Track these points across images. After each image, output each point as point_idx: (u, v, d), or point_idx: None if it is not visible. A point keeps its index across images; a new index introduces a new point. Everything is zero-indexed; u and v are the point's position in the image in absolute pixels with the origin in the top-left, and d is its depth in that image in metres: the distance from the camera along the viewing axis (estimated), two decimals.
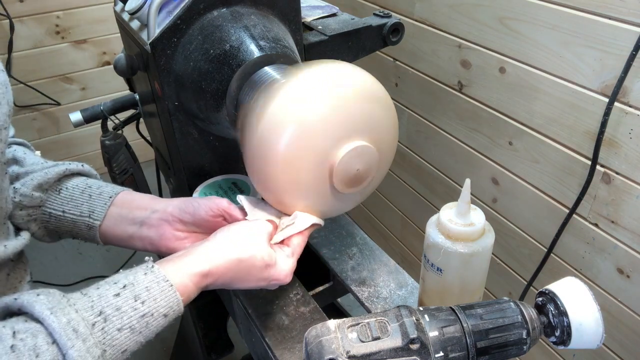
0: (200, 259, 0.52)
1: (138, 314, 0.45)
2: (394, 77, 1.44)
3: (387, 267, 0.78)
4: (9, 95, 0.49)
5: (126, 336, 0.45)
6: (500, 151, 1.16)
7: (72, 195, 0.62)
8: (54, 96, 2.15)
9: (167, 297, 0.48)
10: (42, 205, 0.61)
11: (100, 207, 0.62)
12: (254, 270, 0.54)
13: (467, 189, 0.57)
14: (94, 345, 0.42)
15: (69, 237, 0.64)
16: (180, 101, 0.68)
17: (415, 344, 0.48)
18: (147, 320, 0.46)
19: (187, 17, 0.64)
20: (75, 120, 0.95)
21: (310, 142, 0.53)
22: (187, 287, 0.50)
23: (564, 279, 0.54)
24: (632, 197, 0.90)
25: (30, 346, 0.39)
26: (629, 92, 0.85)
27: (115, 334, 0.44)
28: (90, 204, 0.62)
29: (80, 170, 0.65)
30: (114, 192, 0.63)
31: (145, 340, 0.47)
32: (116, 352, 0.44)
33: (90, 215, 0.61)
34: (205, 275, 0.51)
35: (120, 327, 0.44)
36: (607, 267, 0.99)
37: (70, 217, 0.61)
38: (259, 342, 0.69)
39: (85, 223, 0.61)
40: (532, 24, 0.97)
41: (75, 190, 0.62)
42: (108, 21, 2.11)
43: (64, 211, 0.61)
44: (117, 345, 0.44)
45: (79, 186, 0.63)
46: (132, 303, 0.46)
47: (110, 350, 0.43)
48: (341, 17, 0.85)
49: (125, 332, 0.44)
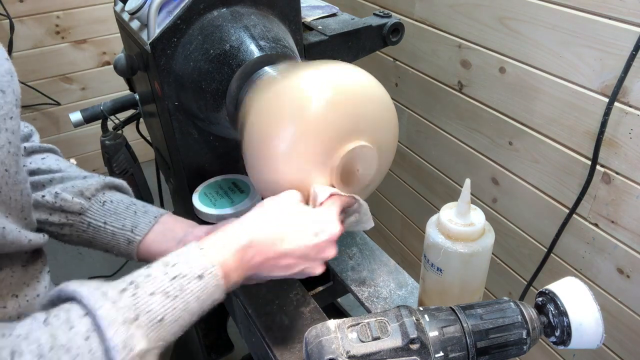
0: (237, 224, 0.50)
1: (169, 276, 0.43)
2: (394, 77, 1.44)
3: (387, 267, 0.78)
4: (14, 84, 0.48)
5: (160, 301, 0.42)
6: (500, 151, 1.16)
7: (117, 209, 0.62)
8: (54, 96, 2.15)
9: (199, 258, 0.45)
10: (82, 213, 0.61)
11: (145, 223, 0.62)
12: (289, 223, 0.51)
13: (467, 189, 0.57)
14: (124, 307, 0.40)
15: (102, 249, 0.64)
16: (180, 101, 0.68)
17: (415, 344, 0.48)
18: (181, 282, 0.43)
19: (187, 17, 0.64)
20: (75, 120, 0.95)
21: (310, 142, 0.53)
22: (222, 251, 0.47)
23: (564, 279, 0.54)
24: (632, 197, 0.90)
25: (64, 319, 0.38)
26: (629, 92, 0.85)
27: (148, 299, 0.41)
28: (135, 220, 0.62)
29: (120, 185, 0.65)
30: (159, 213, 0.64)
31: (186, 310, 0.43)
32: (152, 319, 0.41)
33: (132, 230, 0.61)
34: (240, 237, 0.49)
35: (153, 292, 0.42)
36: (607, 267, 0.99)
37: (111, 230, 0.61)
38: (259, 342, 0.69)
39: (126, 237, 0.61)
40: (532, 24, 0.97)
41: (120, 205, 0.63)
42: (108, 21, 2.11)
43: (105, 222, 0.61)
44: (152, 310, 0.41)
45: (124, 202, 0.63)
46: (163, 268, 0.44)
47: (144, 316, 0.40)
48: (341, 17, 0.85)
49: (159, 296, 0.42)
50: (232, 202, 0.70)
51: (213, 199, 0.70)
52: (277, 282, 0.75)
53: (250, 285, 0.74)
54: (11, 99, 0.47)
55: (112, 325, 0.38)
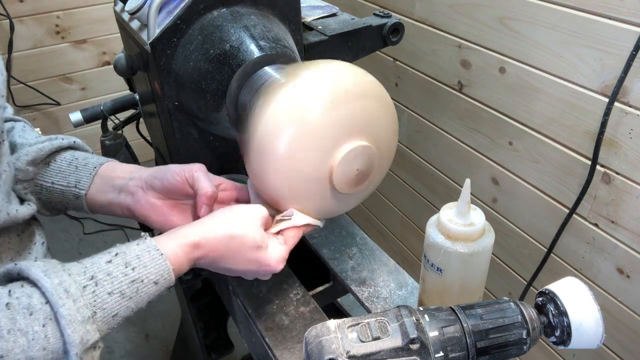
0: (192, 231, 0.53)
1: (128, 279, 0.47)
2: (394, 77, 1.44)
3: (387, 267, 0.78)
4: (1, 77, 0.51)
5: (116, 300, 0.46)
6: (500, 151, 1.16)
7: (60, 167, 0.64)
8: (54, 96, 2.15)
9: (157, 264, 0.49)
10: (35, 178, 0.63)
11: (86, 177, 0.64)
12: (245, 250, 0.54)
13: (467, 189, 0.57)
14: (84, 306, 0.43)
15: (61, 208, 0.67)
16: (180, 101, 0.68)
17: (415, 344, 0.48)
18: (137, 286, 0.47)
19: (187, 17, 0.64)
20: (75, 120, 0.95)
21: (310, 142, 0.53)
22: (178, 257, 0.50)
23: (564, 279, 0.54)
24: (632, 197, 0.90)
25: (25, 305, 0.42)
26: (629, 92, 0.85)
27: (106, 297, 0.45)
28: (77, 175, 0.64)
29: (71, 144, 0.67)
30: (99, 163, 0.65)
31: (137, 307, 0.48)
32: (107, 315, 0.45)
33: (76, 185, 0.64)
34: (195, 246, 0.52)
35: (111, 291, 0.46)
36: (607, 267, 0.99)
37: (59, 188, 0.64)
38: (259, 342, 0.69)
39: (73, 193, 0.64)
40: (532, 24, 0.97)
41: (63, 163, 0.65)
42: (108, 21, 2.11)
43: (52, 183, 0.64)
44: (107, 308, 0.45)
45: (66, 158, 0.65)
46: (123, 269, 0.47)
47: (100, 313, 0.45)
48: (341, 17, 0.85)
49: (116, 297, 0.46)
50: None
51: None
52: (277, 282, 0.75)
53: (251, 286, 0.74)
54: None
55: (71, 324, 0.42)
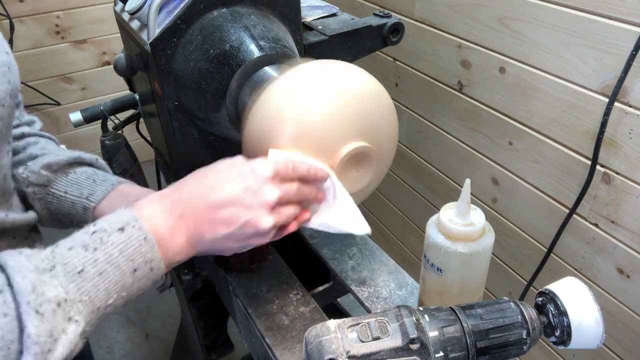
0: (165, 189, 0.50)
1: (89, 232, 0.44)
2: (394, 77, 1.44)
3: (387, 267, 0.78)
4: (11, 75, 0.50)
5: (78, 253, 0.42)
6: (500, 151, 1.16)
7: (78, 179, 0.64)
8: (54, 96, 2.15)
9: (120, 214, 0.45)
10: (48, 185, 0.63)
11: (101, 191, 0.63)
12: (216, 174, 0.49)
13: (467, 189, 0.57)
14: (39, 260, 0.40)
15: (67, 220, 0.65)
16: (180, 101, 0.68)
17: (415, 344, 0.48)
18: (101, 236, 0.43)
19: (187, 17, 0.64)
20: (75, 120, 0.95)
21: (310, 142, 0.53)
22: (143, 205, 0.47)
23: (564, 279, 0.54)
24: (632, 197, 0.90)
25: None
26: (629, 92, 0.85)
27: (65, 252, 0.42)
28: (92, 188, 0.63)
29: (92, 161, 0.67)
30: (117, 181, 0.65)
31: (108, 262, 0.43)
32: (70, 270, 0.41)
33: (88, 197, 0.62)
34: (167, 193, 0.49)
35: (71, 247, 0.43)
36: (607, 267, 0.99)
37: (71, 198, 0.62)
38: (259, 342, 0.69)
39: (83, 204, 0.62)
40: (532, 24, 0.97)
41: (82, 175, 0.64)
42: (108, 21, 2.11)
43: (65, 192, 0.63)
44: (69, 263, 0.41)
45: (86, 172, 0.65)
46: (85, 228, 0.45)
47: (60, 267, 0.41)
48: (341, 17, 0.85)
49: (77, 249, 0.42)
50: None
51: None
52: (277, 282, 0.75)
53: (251, 286, 0.74)
54: (5, 88, 0.49)
55: (20, 272, 0.39)
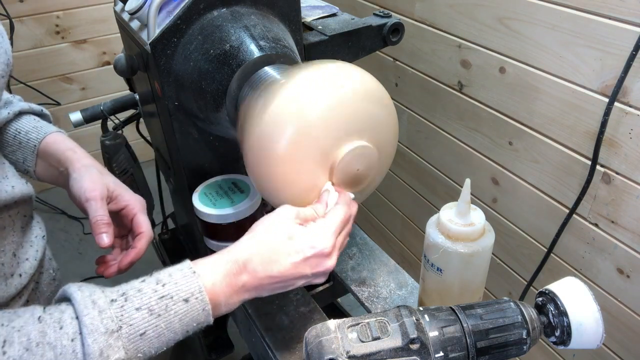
0: (228, 250, 0.51)
1: (157, 295, 0.45)
2: (394, 77, 1.44)
3: (387, 267, 0.78)
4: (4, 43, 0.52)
5: (143, 317, 0.44)
6: (500, 151, 1.16)
7: (7, 141, 0.67)
8: (54, 96, 2.15)
9: (188, 282, 0.47)
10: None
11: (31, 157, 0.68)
12: (281, 247, 0.51)
13: (467, 189, 0.57)
14: (108, 318, 0.42)
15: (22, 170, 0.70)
16: (180, 101, 0.68)
17: (415, 344, 0.48)
18: (167, 303, 0.45)
19: (187, 17, 0.64)
20: (75, 120, 0.95)
21: (310, 142, 0.53)
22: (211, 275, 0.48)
23: (564, 279, 0.54)
24: (632, 197, 0.90)
25: (57, 319, 0.42)
26: (629, 92, 0.85)
27: (133, 313, 0.44)
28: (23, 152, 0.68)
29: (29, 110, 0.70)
30: (38, 141, 0.68)
31: (168, 330, 0.46)
32: (133, 332, 0.43)
33: (24, 162, 0.68)
34: (228, 261, 0.50)
35: (139, 307, 0.44)
36: (607, 267, 0.99)
37: (14, 160, 0.68)
38: (259, 342, 0.69)
39: (25, 168, 0.68)
40: (532, 24, 0.97)
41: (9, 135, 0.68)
42: (108, 21, 2.11)
43: (5, 155, 0.67)
44: (134, 324, 0.44)
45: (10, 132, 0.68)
46: (154, 286, 0.46)
47: (126, 328, 0.43)
48: (341, 17, 0.85)
49: (143, 312, 0.44)
50: (232, 202, 0.70)
51: (213, 199, 0.70)
52: None
53: None
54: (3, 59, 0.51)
55: (92, 334, 0.41)
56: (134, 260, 0.62)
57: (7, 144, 0.67)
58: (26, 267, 0.58)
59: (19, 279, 0.57)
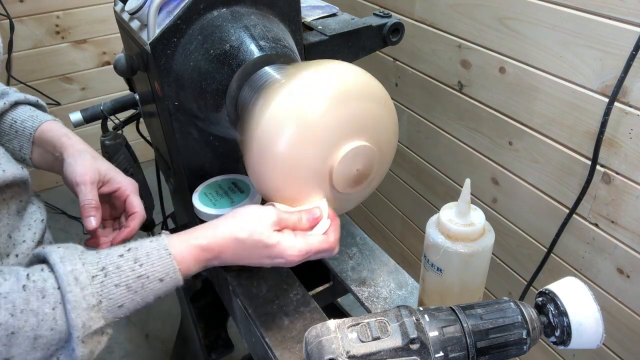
0: (202, 234, 0.54)
1: (135, 274, 0.50)
2: (394, 77, 1.44)
3: (387, 267, 0.78)
4: None
5: (122, 293, 0.49)
6: (500, 151, 1.16)
7: (3, 129, 0.68)
8: (54, 96, 2.15)
9: (164, 263, 0.51)
10: None
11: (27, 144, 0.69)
12: (252, 249, 0.55)
13: (467, 189, 0.57)
14: (90, 295, 0.47)
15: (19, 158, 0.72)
16: (180, 101, 0.68)
17: (415, 344, 0.48)
18: (143, 282, 0.50)
19: (187, 17, 0.64)
20: (75, 120, 0.95)
21: (310, 142, 0.53)
22: (185, 258, 0.52)
23: (564, 279, 0.54)
24: (632, 197, 0.90)
25: (40, 288, 0.46)
26: (629, 92, 0.85)
27: (112, 289, 0.48)
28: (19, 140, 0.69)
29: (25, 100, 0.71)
30: (34, 129, 0.69)
31: (143, 301, 0.51)
32: (112, 305, 0.48)
33: (20, 150, 0.69)
34: (204, 249, 0.53)
35: (118, 284, 0.49)
36: (607, 267, 0.99)
37: (11, 148, 0.69)
38: (259, 342, 0.69)
39: (21, 156, 0.70)
40: (532, 24, 0.97)
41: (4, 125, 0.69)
42: (108, 21, 2.11)
43: (2, 143, 0.67)
44: (113, 299, 0.48)
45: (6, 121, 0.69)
46: (132, 264, 0.50)
47: (106, 302, 0.48)
48: (341, 17, 0.85)
49: (122, 289, 0.49)
50: (232, 202, 0.70)
51: (213, 199, 0.70)
52: (277, 282, 0.75)
53: (251, 286, 0.74)
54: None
55: (75, 309, 0.46)
56: (127, 239, 0.66)
57: (4, 133, 0.69)
58: (23, 248, 0.60)
59: (16, 259, 0.59)
